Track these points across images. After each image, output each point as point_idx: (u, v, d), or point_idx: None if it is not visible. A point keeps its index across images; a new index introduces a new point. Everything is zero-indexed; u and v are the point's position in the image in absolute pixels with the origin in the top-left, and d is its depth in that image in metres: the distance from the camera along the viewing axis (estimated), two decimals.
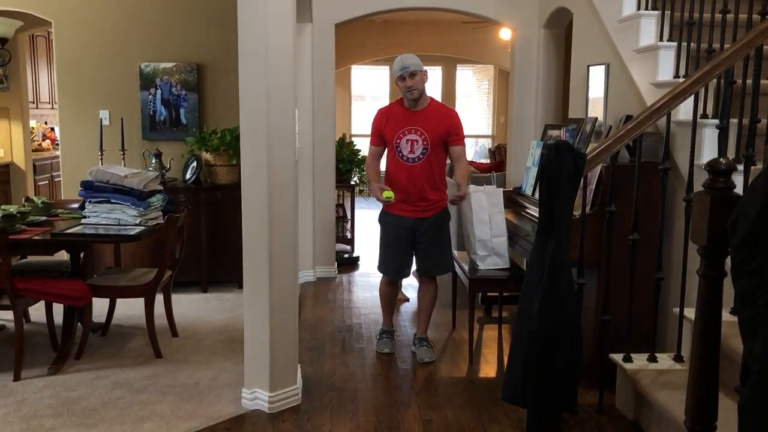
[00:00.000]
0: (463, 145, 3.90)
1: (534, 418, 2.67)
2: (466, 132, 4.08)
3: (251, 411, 3.20)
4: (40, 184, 7.56)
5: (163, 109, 5.58)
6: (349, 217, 7.03)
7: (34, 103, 7.67)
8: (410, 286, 5.25)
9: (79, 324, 3.96)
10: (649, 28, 3.81)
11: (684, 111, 3.22)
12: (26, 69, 7.34)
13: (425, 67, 3.84)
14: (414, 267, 4.07)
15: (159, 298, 4.04)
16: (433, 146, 3.77)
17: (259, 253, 3.14)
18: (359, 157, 6.80)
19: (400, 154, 3.81)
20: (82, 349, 3.84)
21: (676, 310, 3.01)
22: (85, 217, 4.00)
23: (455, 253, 4.29)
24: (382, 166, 4.03)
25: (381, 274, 4.09)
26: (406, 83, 3.72)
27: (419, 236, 3.87)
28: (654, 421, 2.85)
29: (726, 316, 2.31)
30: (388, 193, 3.72)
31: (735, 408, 1.72)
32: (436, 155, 3.81)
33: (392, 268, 3.99)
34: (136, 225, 3.88)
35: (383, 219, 3.97)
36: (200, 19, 5.52)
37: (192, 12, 5.52)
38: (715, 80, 3.06)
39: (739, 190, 2.08)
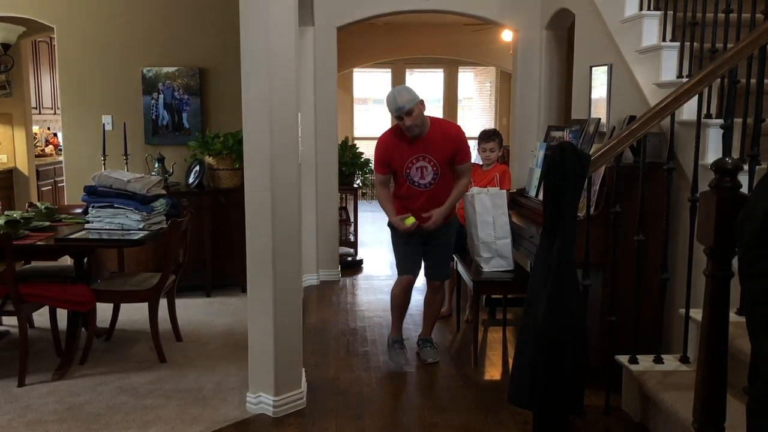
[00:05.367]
0: (469, 160, 3.83)
1: (540, 421, 2.66)
2: (468, 134, 4.03)
3: (256, 415, 3.20)
4: (43, 189, 7.57)
5: (166, 113, 5.58)
6: (352, 219, 7.02)
7: (36, 108, 7.69)
8: (416, 290, 5.23)
9: (83, 329, 3.97)
10: (651, 28, 3.81)
11: (688, 111, 3.21)
12: (29, 74, 7.35)
13: (425, 73, 3.80)
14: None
15: (163, 303, 4.04)
16: (442, 169, 3.73)
17: (262, 256, 3.13)
18: (362, 159, 6.80)
19: (411, 182, 3.75)
20: (87, 355, 3.84)
21: (682, 310, 3.00)
22: (88, 222, 4.00)
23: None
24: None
25: (386, 282, 4.01)
26: (405, 122, 3.61)
27: (428, 238, 3.85)
28: (661, 423, 2.84)
29: (732, 316, 2.30)
30: (410, 220, 3.72)
31: (743, 409, 1.71)
32: (447, 176, 3.76)
33: (409, 261, 3.90)
34: (139, 230, 3.88)
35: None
36: (202, 24, 5.52)
37: (194, 16, 5.53)
38: (718, 80, 3.05)
39: (744, 189, 2.07)
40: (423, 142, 3.69)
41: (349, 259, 6.49)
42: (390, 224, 3.95)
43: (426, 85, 11.95)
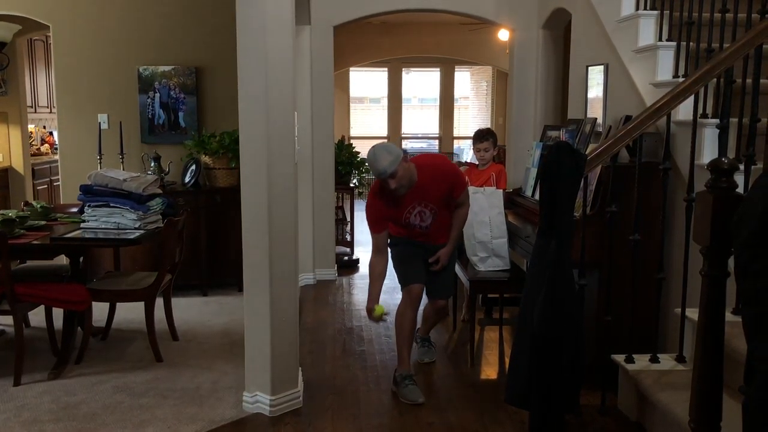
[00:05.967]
0: (465, 189, 3.67)
1: (537, 420, 2.66)
2: (465, 133, 3.97)
3: (253, 414, 3.20)
4: (39, 188, 7.55)
5: (162, 112, 5.57)
6: (348, 219, 7.02)
7: (32, 107, 7.67)
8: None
9: (79, 328, 3.96)
10: (648, 27, 3.81)
11: (684, 111, 3.21)
12: (24, 73, 7.33)
13: (422, 73, 3.72)
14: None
15: (159, 302, 4.03)
16: (440, 209, 3.60)
17: (259, 256, 3.13)
18: (358, 159, 6.79)
19: (413, 226, 3.63)
20: (83, 354, 3.83)
21: (678, 310, 3.00)
22: (84, 221, 3.99)
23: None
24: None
25: (394, 301, 3.83)
26: (390, 185, 3.39)
27: (431, 256, 3.71)
28: (657, 422, 2.84)
29: (729, 316, 2.31)
30: (379, 309, 3.51)
31: (739, 408, 1.71)
32: (445, 212, 3.65)
33: (413, 275, 3.70)
34: (135, 229, 3.87)
35: (395, 242, 3.78)
36: (199, 22, 5.51)
37: (190, 15, 5.51)
38: (714, 80, 3.06)
39: (739, 189, 2.08)
40: (416, 190, 3.50)
41: (346, 258, 6.50)
42: (392, 243, 3.76)
43: (422, 84, 11.97)
